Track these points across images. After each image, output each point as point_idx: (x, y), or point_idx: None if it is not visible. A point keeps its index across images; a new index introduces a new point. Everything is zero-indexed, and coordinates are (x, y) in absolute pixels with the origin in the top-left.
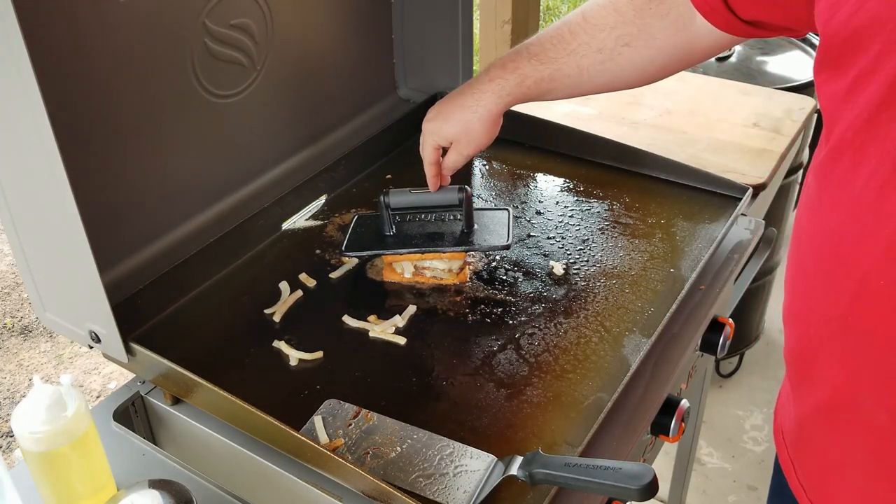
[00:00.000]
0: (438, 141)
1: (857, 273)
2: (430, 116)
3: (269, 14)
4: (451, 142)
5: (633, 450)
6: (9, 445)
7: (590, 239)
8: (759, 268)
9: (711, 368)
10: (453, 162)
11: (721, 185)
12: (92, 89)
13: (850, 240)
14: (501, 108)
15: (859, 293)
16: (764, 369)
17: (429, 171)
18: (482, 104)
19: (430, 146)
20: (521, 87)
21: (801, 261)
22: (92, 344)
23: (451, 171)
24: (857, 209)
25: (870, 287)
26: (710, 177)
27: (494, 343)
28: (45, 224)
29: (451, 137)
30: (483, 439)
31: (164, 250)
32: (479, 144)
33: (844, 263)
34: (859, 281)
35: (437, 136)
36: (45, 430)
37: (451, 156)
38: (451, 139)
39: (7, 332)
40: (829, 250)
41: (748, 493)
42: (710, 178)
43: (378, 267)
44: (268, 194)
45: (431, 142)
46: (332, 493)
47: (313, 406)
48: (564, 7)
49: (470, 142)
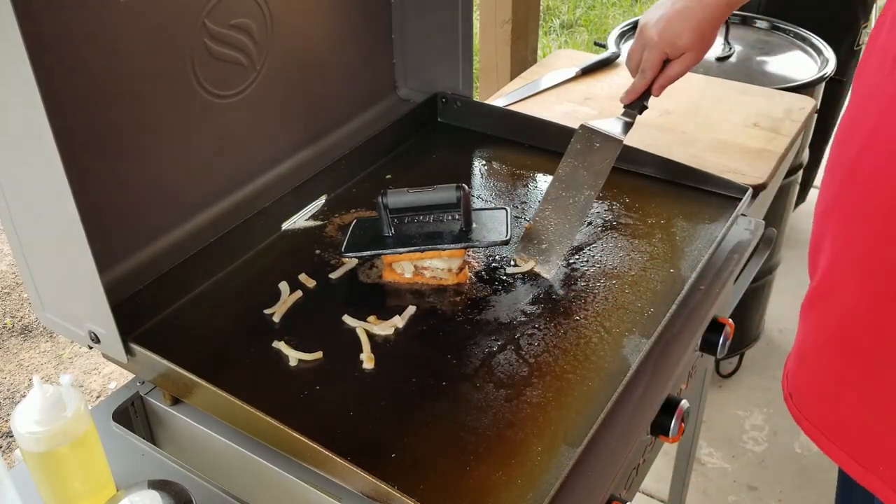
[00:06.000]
0: (670, 53)
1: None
2: (657, 29)
3: (269, 14)
4: (683, 52)
5: (633, 450)
6: (9, 445)
7: (589, 239)
8: (759, 268)
9: (711, 368)
10: (680, 72)
11: (721, 185)
12: (91, 89)
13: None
14: (728, 14)
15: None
16: (764, 369)
17: (641, 84)
18: (713, 14)
19: (657, 59)
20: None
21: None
22: (92, 344)
23: (672, 81)
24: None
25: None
26: (710, 177)
27: (494, 343)
28: (45, 224)
29: (687, 47)
30: (483, 439)
31: (164, 250)
32: (705, 53)
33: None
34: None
35: (670, 48)
36: (44, 430)
37: (677, 67)
38: (685, 49)
39: (7, 332)
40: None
41: (748, 493)
42: (710, 178)
43: (373, 269)
44: (268, 194)
45: (659, 54)
46: (331, 494)
47: (313, 406)
48: (564, 7)
49: (702, 52)
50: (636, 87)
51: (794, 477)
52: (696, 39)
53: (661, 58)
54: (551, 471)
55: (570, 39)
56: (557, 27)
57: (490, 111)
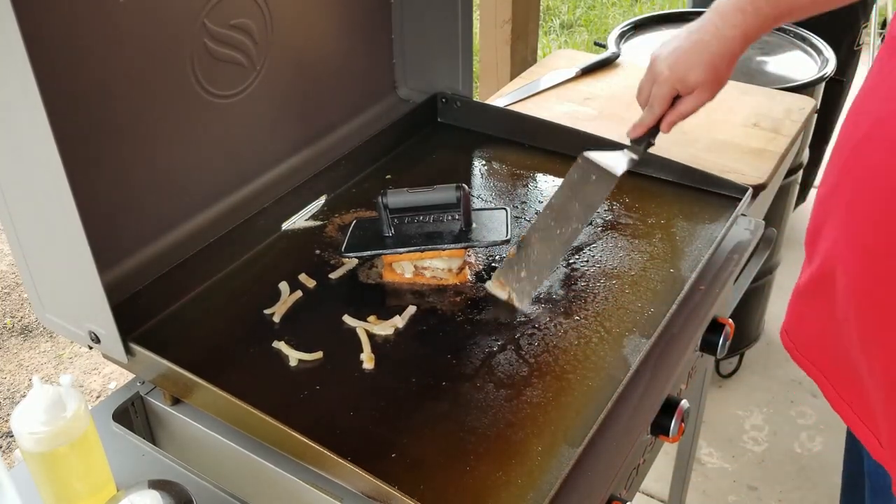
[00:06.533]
0: (680, 88)
1: (851, 143)
2: (668, 63)
3: (268, 14)
4: (694, 88)
5: (633, 450)
6: (9, 445)
7: (589, 239)
8: (758, 268)
9: (711, 368)
10: (691, 110)
11: (721, 185)
12: (91, 89)
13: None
14: (746, 48)
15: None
16: (764, 369)
17: (649, 119)
18: (730, 49)
19: (666, 94)
20: (765, 23)
21: None
22: (92, 344)
23: (682, 118)
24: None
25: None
26: (710, 177)
27: (494, 343)
28: (45, 224)
29: (698, 83)
30: (483, 439)
31: (164, 250)
32: (719, 90)
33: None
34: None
35: (681, 84)
36: (44, 430)
37: (689, 103)
38: (696, 86)
39: (7, 332)
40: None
41: (748, 493)
42: (710, 178)
43: (373, 269)
44: (268, 194)
45: (669, 89)
46: (332, 494)
47: (313, 406)
48: (564, 7)
49: (715, 88)
50: (643, 121)
51: (794, 477)
52: (710, 75)
53: (671, 93)
54: (551, 471)
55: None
56: (557, 27)
57: (490, 111)
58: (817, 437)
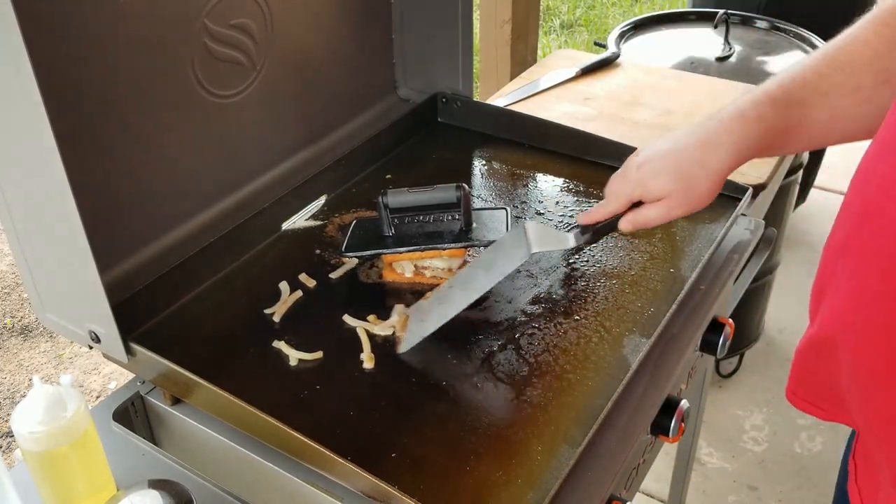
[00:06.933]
0: (641, 193)
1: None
2: (640, 161)
3: (269, 14)
4: (659, 198)
5: (633, 450)
6: (9, 445)
7: None
8: (759, 268)
9: (711, 368)
10: (653, 219)
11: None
12: (91, 89)
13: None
14: (738, 165)
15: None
16: (764, 369)
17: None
18: (717, 159)
19: (626, 195)
20: (763, 139)
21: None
22: (92, 344)
23: (643, 226)
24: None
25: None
26: None
27: (494, 343)
28: (45, 224)
29: (662, 193)
30: (482, 439)
31: (164, 250)
32: (698, 207)
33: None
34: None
35: (641, 188)
36: (44, 430)
37: (652, 212)
38: (661, 195)
39: (7, 332)
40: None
41: (748, 493)
42: None
43: (373, 269)
44: (268, 194)
45: (630, 192)
46: (332, 494)
47: (313, 406)
48: (564, 7)
49: (688, 203)
50: (593, 213)
51: (794, 477)
52: (678, 186)
53: (631, 196)
54: (551, 471)
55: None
56: (557, 27)
57: (490, 111)
58: (817, 437)
